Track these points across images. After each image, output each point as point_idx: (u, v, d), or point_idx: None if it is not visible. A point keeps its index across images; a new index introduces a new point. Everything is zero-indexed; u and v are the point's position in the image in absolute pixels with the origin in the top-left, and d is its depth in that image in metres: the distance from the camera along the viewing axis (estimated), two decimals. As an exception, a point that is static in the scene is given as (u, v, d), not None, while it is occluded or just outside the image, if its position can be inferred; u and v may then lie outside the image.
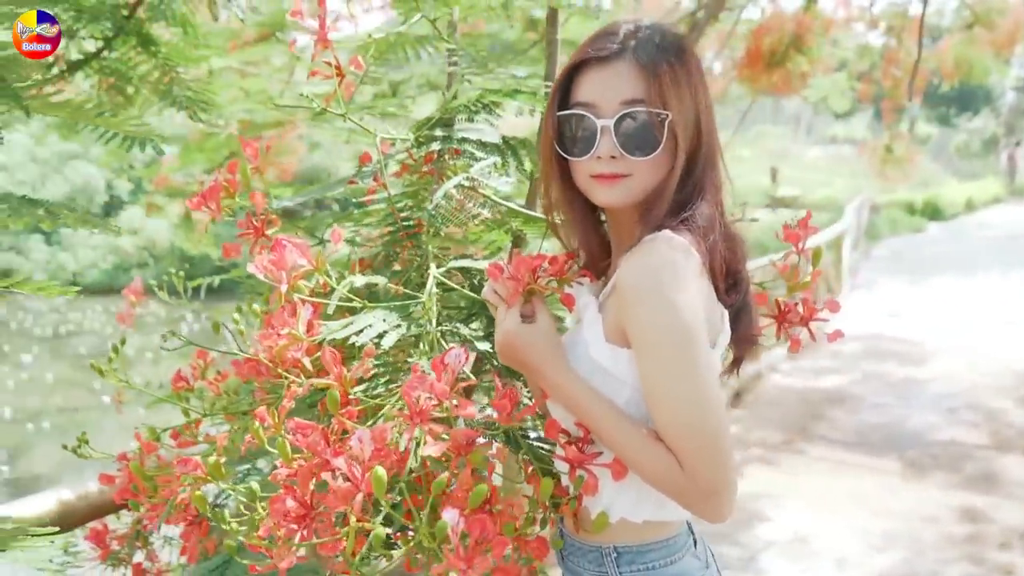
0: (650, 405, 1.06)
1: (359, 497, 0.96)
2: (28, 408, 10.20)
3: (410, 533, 1.00)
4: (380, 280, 1.25)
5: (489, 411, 1.22)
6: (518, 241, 1.51)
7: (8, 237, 18.64)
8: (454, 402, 1.01)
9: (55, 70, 1.96)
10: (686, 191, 1.15)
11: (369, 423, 1.07)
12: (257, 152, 1.41)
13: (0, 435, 9.49)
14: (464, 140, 1.41)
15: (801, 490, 4.55)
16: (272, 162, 4.10)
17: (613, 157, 1.13)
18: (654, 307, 1.04)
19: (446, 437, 1.01)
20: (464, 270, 1.38)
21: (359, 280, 1.21)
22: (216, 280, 2.23)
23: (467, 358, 1.04)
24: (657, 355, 1.04)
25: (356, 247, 1.51)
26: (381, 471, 0.94)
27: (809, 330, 1.30)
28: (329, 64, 1.35)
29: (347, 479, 0.97)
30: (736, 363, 1.26)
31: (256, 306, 1.26)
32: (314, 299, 1.14)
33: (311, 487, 1.00)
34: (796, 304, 1.30)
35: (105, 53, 1.98)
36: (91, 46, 2.01)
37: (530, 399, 1.29)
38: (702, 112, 1.15)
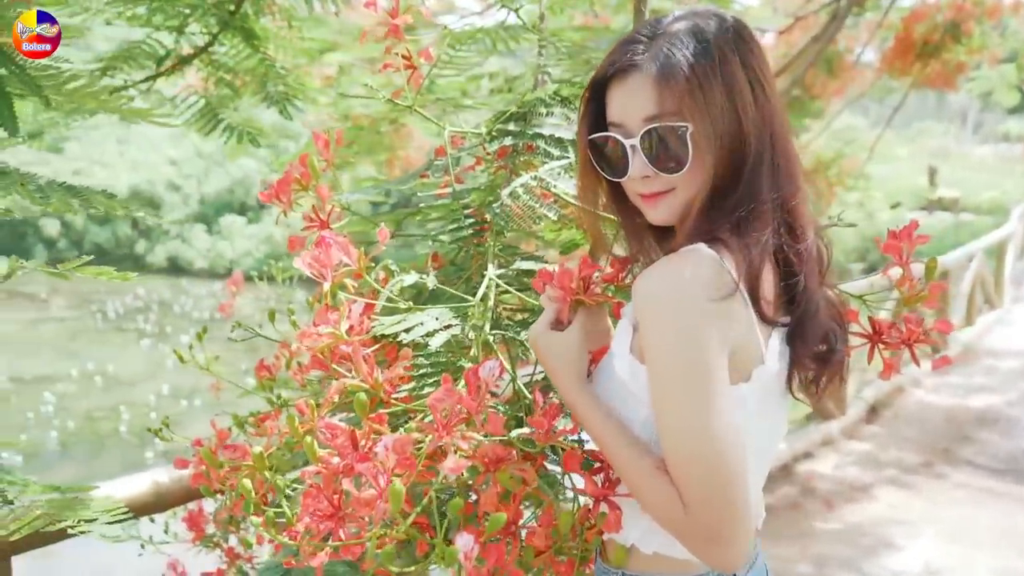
0: (658, 432, 0.96)
1: (381, 506, 0.92)
2: (183, 386, 10.94)
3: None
4: (430, 281, 1.20)
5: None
6: (569, 249, 1.42)
7: (175, 227, 20.14)
8: (483, 418, 0.96)
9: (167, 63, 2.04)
10: (735, 195, 1.02)
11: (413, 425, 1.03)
12: (328, 144, 1.39)
13: (159, 409, 10.25)
14: (537, 136, 1.33)
15: (938, 519, 4.18)
16: (394, 155, 4.17)
17: (647, 176, 1.05)
18: (662, 330, 0.95)
19: (466, 454, 0.96)
20: (529, 272, 1.31)
21: (408, 279, 1.16)
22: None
23: (501, 371, 0.98)
24: (665, 382, 0.95)
25: (434, 242, 1.47)
26: (399, 486, 0.89)
27: (912, 353, 1.14)
28: (403, 56, 1.31)
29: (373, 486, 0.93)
30: (815, 383, 1.11)
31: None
32: (355, 297, 1.10)
33: (339, 488, 0.97)
34: (895, 323, 1.14)
35: (213, 48, 2.04)
36: (201, 42, 2.07)
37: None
38: (742, 104, 1.01)
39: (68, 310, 16.22)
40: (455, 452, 0.94)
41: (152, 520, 2.05)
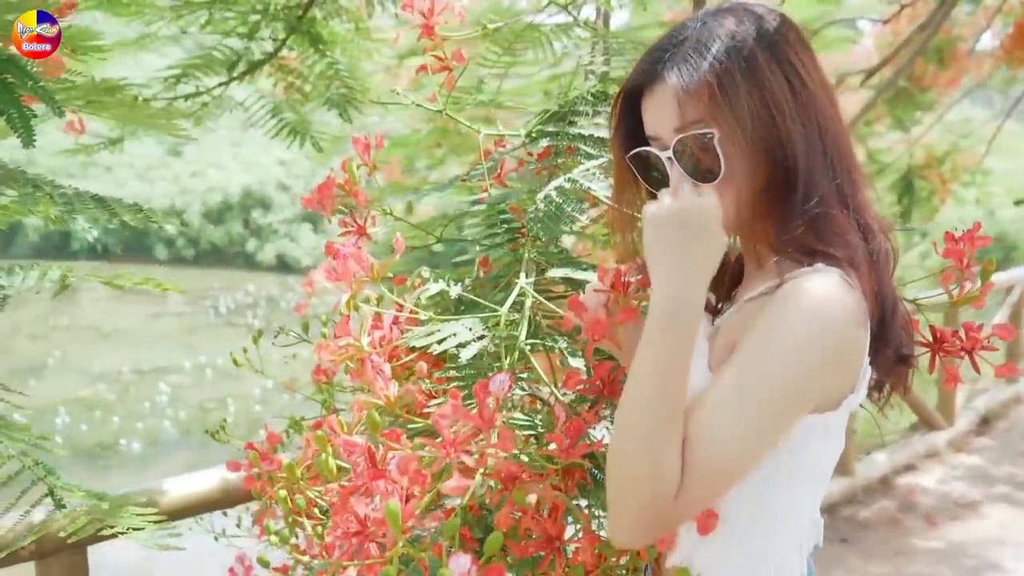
0: (699, 407, 0.90)
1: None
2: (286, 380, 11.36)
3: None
4: (453, 290, 1.17)
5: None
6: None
7: (284, 226, 20.95)
8: (493, 434, 0.92)
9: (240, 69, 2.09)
10: (795, 195, 0.95)
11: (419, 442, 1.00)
12: (368, 148, 1.38)
13: (264, 402, 10.67)
14: (577, 136, 1.29)
15: (1055, 541, 3.88)
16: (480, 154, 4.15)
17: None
18: (789, 333, 0.89)
19: (484, 471, 0.93)
20: (569, 280, 1.27)
21: (433, 287, 1.14)
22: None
23: (510, 386, 0.94)
24: (750, 379, 0.89)
25: (480, 247, 1.45)
26: (394, 505, 0.87)
27: (973, 362, 1.05)
28: (437, 58, 1.30)
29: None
30: (878, 387, 1.04)
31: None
32: (376, 309, 1.08)
33: (356, 506, 0.96)
34: (956, 331, 1.05)
35: (282, 53, 2.08)
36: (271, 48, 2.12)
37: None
38: (776, 101, 0.94)
39: (185, 305, 17.09)
40: (458, 470, 0.92)
41: (225, 514, 2.12)
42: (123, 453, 9.10)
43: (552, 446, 1.00)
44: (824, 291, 0.89)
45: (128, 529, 1.11)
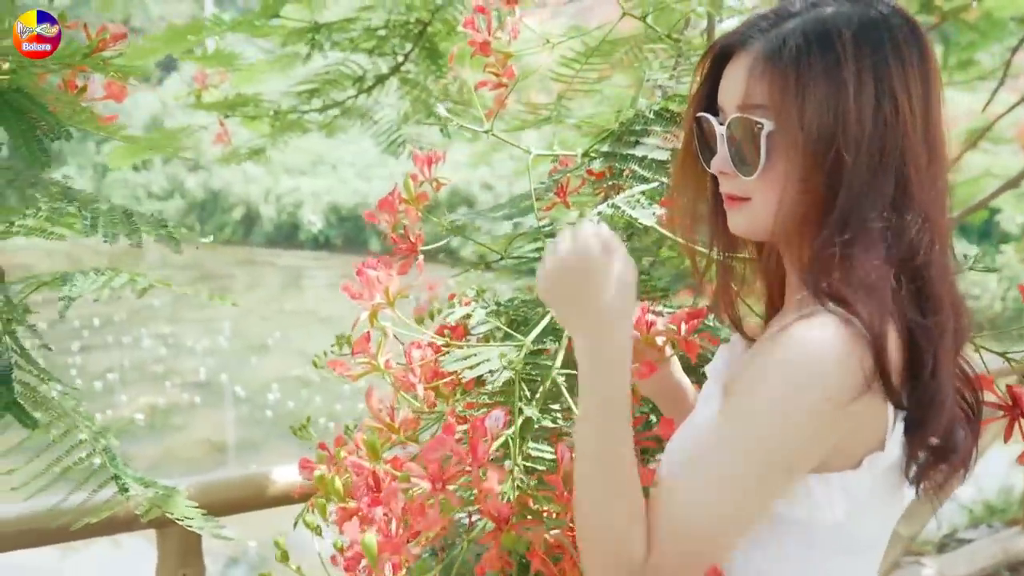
0: (680, 463, 0.84)
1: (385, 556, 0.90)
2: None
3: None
4: (476, 314, 1.15)
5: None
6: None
7: (486, 224, 21.68)
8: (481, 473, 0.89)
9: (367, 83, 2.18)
10: (830, 216, 0.84)
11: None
12: (430, 163, 1.39)
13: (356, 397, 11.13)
14: (628, 157, 1.22)
15: None
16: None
17: (724, 173, 0.91)
18: (764, 391, 0.80)
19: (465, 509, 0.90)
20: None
21: (459, 312, 1.12)
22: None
23: (505, 422, 0.91)
24: (726, 439, 0.81)
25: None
26: (370, 539, 0.86)
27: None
28: (494, 74, 1.28)
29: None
30: (927, 476, 0.89)
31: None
32: (396, 328, 1.08)
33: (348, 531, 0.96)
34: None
35: (406, 68, 2.15)
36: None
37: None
38: (850, 113, 0.82)
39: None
40: (433, 507, 0.89)
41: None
42: (320, 431, 9.83)
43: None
44: (814, 339, 0.78)
45: (183, 517, 1.19)
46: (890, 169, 0.83)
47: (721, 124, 0.90)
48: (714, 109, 0.93)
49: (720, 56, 0.93)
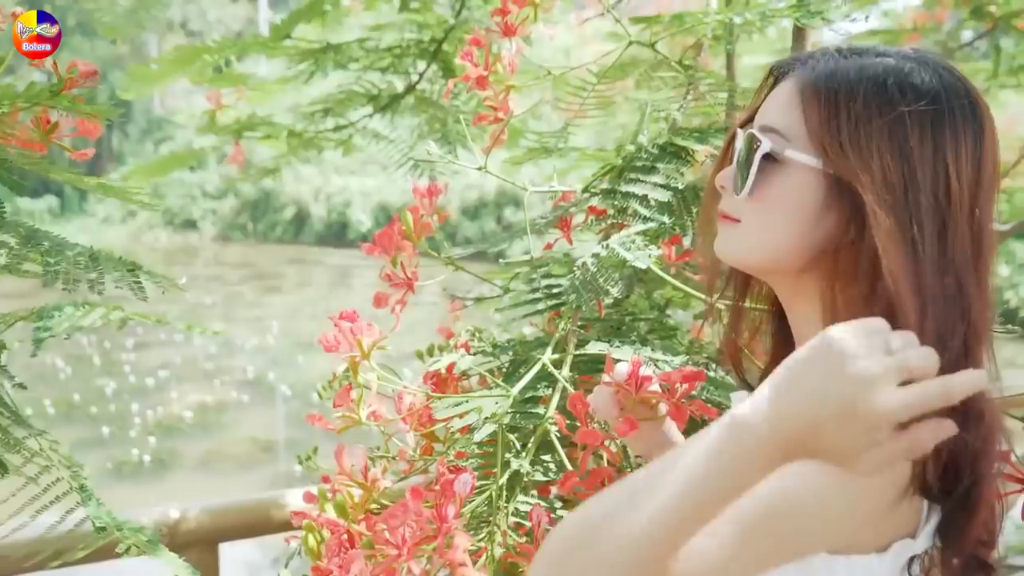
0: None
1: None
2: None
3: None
4: (462, 362, 1.10)
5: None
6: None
7: (531, 225, 21.74)
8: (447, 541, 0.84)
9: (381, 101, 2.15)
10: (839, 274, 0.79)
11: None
12: (431, 195, 1.35)
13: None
14: (627, 195, 1.16)
15: None
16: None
17: (724, 187, 0.86)
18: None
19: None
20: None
21: (446, 359, 1.08)
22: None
23: (472, 487, 0.86)
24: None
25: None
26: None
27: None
28: (492, 107, 1.23)
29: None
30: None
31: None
32: (374, 381, 1.05)
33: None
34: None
35: (421, 86, 2.11)
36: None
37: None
38: (888, 169, 0.75)
39: (439, 297, 18.28)
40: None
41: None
42: (362, 433, 9.92)
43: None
44: None
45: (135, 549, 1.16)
46: (948, 256, 0.75)
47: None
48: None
49: (776, 78, 0.88)
